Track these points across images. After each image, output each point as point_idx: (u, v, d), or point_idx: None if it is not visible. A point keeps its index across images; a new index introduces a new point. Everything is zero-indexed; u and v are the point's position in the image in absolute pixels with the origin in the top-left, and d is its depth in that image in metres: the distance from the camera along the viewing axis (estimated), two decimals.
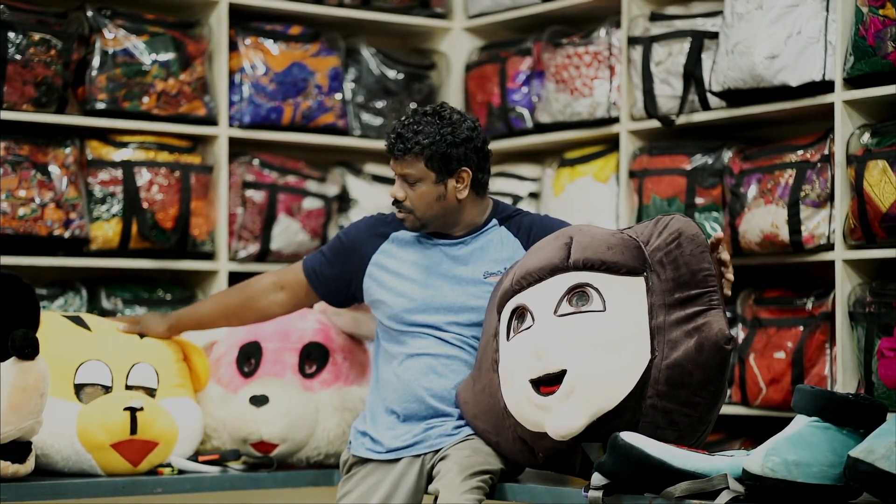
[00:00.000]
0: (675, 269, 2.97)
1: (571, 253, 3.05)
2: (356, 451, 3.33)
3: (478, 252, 3.30)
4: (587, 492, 2.87)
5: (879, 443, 2.59)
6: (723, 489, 2.72)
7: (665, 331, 2.94)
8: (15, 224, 3.97)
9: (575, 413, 2.92)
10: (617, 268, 3.00)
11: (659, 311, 2.96)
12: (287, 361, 3.62)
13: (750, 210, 3.78)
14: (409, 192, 3.25)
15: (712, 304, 2.96)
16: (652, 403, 2.92)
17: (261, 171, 4.46)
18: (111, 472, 3.33)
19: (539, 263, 3.08)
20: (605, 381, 2.92)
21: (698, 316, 2.94)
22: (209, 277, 4.38)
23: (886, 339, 3.43)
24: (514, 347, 3.06)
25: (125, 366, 3.41)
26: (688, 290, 2.96)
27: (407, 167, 3.24)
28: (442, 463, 3.16)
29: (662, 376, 2.91)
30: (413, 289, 3.30)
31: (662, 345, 2.93)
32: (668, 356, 2.92)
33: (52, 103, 4.06)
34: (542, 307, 3.03)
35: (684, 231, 3.01)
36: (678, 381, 2.91)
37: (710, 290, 2.97)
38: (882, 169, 3.45)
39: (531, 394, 2.98)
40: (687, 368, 2.91)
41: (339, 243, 3.41)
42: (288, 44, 4.47)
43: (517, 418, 3.06)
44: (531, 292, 3.07)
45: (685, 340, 2.92)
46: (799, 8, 3.63)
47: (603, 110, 4.27)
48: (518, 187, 4.59)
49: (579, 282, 3.01)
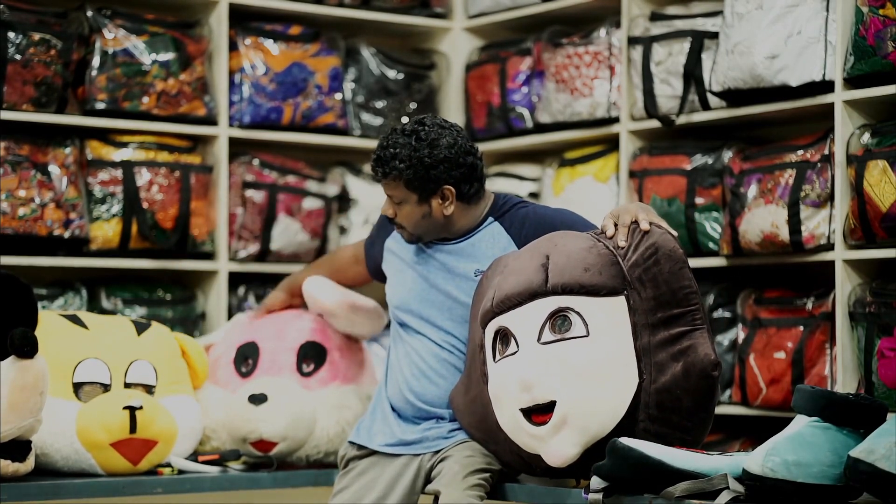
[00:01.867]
0: (655, 287, 2.95)
1: (549, 276, 2.99)
2: (355, 439, 3.35)
3: (468, 249, 3.30)
4: (587, 493, 2.87)
5: (879, 443, 2.58)
6: (723, 489, 2.72)
7: (651, 352, 2.93)
8: (15, 224, 3.97)
9: (568, 443, 2.93)
10: (596, 290, 2.96)
11: (643, 332, 2.94)
12: (284, 361, 3.62)
13: (750, 210, 3.78)
14: (397, 210, 3.27)
15: (695, 325, 2.94)
16: (644, 427, 2.92)
17: (261, 171, 4.45)
18: (111, 471, 3.33)
19: (518, 288, 3.02)
20: (596, 408, 2.91)
21: (682, 338, 2.93)
22: (209, 277, 4.38)
23: (886, 339, 3.42)
24: (501, 372, 3.04)
25: (123, 363, 3.41)
26: (670, 310, 2.95)
27: (390, 189, 3.25)
28: (442, 464, 3.17)
29: (653, 400, 2.91)
30: (407, 282, 3.32)
31: (650, 367, 2.92)
32: (656, 379, 2.92)
33: (52, 103, 4.06)
34: (525, 333, 3.00)
35: (661, 247, 2.97)
36: (669, 406, 2.92)
37: (692, 308, 2.95)
38: (882, 169, 3.45)
39: (523, 423, 2.98)
40: (675, 394, 2.91)
41: (377, 223, 3.51)
42: (288, 44, 4.47)
43: (513, 439, 3.05)
44: (512, 315, 3.03)
45: (672, 364, 2.92)
46: (799, 8, 3.63)
47: (603, 110, 4.26)
48: (518, 187, 4.59)
49: (559, 306, 2.97)
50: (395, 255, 3.39)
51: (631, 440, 2.80)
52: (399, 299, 3.33)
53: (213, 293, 4.36)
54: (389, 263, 3.41)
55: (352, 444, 3.38)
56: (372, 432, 3.34)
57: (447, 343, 3.28)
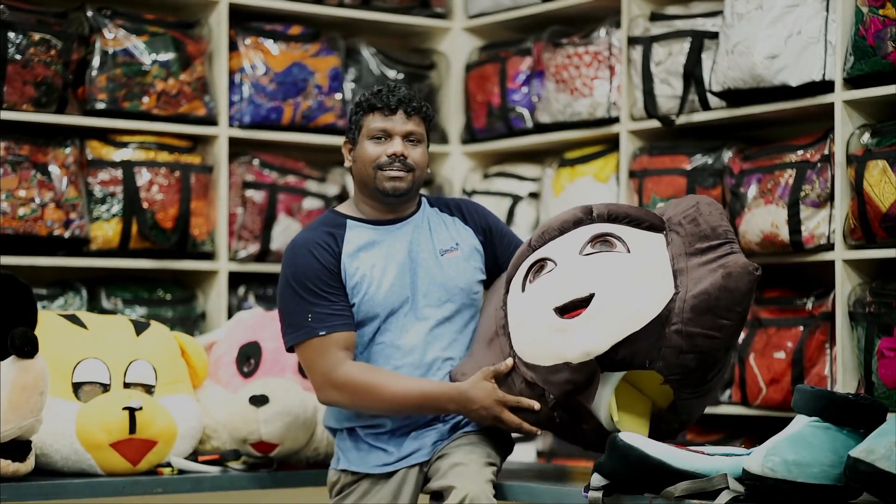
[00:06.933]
0: (696, 225, 3.05)
1: (594, 209, 3.14)
2: (346, 466, 3.24)
3: (425, 230, 3.27)
4: (587, 492, 2.87)
5: (879, 443, 2.58)
6: (723, 489, 2.72)
7: (688, 271, 2.99)
8: (15, 224, 3.97)
9: (601, 333, 2.92)
10: (639, 221, 3.11)
11: (680, 259, 3.02)
12: (287, 361, 3.62)
13: (750, 210, 3.78)
14: (411, 152, 3.22)
15: (733, 250, 3.01)
16: (676, 329, 2.93)
17: (261, 171, 4.46)
18: (110, 472, 3.33)
19: (561, 218, 3.15)
20: (632, 305, 2.93)
21: (721, 258, 2.99)
22: (209, 277, 4.38)
23: (886, 339, 3.43)
24: (532, 291, 3.07)
25: (123, 363, 3.40)
26: (708, 241, 3.02)
27: (413, 125, 3.21)
28: (442, 460, 3.14)
29: (688, 305, 2.93)
30: (387, 280, 3.22)
31: (686, 281, 2.97)
32: (692, 289, 2.94)
33: (52, 103, 4.06)
34: (566, 252, 3.07)
35: (702, 199, 3.12)
36: (704, 308, 2.92)
37: (730, 241, 3.02)
38: (882, 169, 3.45)
39: (554, 320, 2.98)
40: (714, 295, 2.92)
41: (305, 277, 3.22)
42: (288, 44, 4.47)
43: (531, 360, 3.03)
44: (551, 245, 3.12)
45: (710, 275, 2.95)
46: (799, 8, 3.63)
47: (603, 110, 4.27)
48: (518, 187, 4.59)
49: (603, 231, 3.08)
50: (366, 252, 3.22)
51: (632, 437, 2.80)
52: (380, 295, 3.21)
53: (213, 293, 4.36)
54: (359, 266, 3.20)
55: (343, 471, 3.26)
56: (362, 455, 3.23)
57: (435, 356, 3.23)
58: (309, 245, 3.20)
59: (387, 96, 3.20)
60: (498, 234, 3.35)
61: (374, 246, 3.22)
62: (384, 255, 3.21)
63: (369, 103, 3.22)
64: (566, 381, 2.97)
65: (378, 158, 3.19)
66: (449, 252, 3.26)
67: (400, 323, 3.21)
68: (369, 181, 3.21)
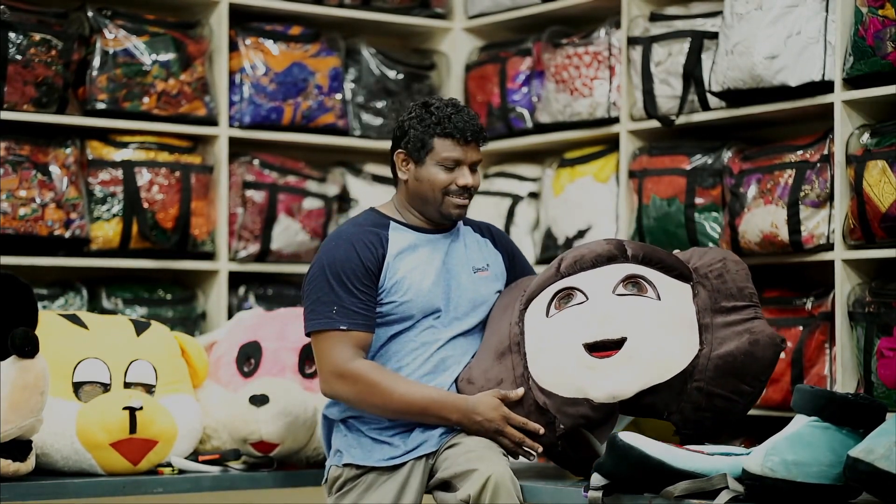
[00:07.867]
0: (722, 282, 3.09)
1: (627, 248, 3.15)
2: (349, 461, 3.21)
3: (461, 245, 3.30)
4: (587, 492, 2.87)
5: (879, 442, 2.59)
6: (722, 489, 2.72)
7: (713, 329, 3.03)
8: (15, 224, 3.97)
9: (629, 378, 2.96)
10: (671, 268, 3.13)
11: (705, 314, 3.05)
12: (287, 361, 3.62)
13: (750, 210, 3.78)
14: (475, 179, 3.24)
15: (758, 315, 3.07)
16: (698, 386, 2.98)
17: (261, 171, 4.46)
18: (111, 471, 3.33)
19: (595, 251, 3.15)
20: (662, 356, 2.97)
21: (746, 321, 3.05)
22: (209, 277, 4.38)
23: (886, 339, 3.43)
24: (560, 320, 3.08)
25: (123, 363, 3.41)
26: (734, 301, 3.08)
27: (478, 155, 3.24)
28: (452, 450, 3.11)
29: (711, 364, 2.98)
30: (426, 284, 3.24)
31: (710, 340, 3.01)
32: (717, 349, 2.99)
33: (52, 103, 4.06)
34: (598, 288, 3.08)
35: (728, 256, 3.17)
36: (727, 370, 2.98)
37: (755, 304, 3.09)
38: (881, 169, 3.45)
39: (583, 355, 2.99)
40: (739, 359, 2.98)
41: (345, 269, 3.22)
42: (288, 44, 4.47)
43: (548, 387, 3.04)
44: (582, 276, 3.12)
45: (735, 338, 3.01)
46: (799, 8, 3.63)
47: (603, 110, 4.27)
48: (518, 187, 4.60)
49: (635, 273, 3.09)
50: (410, 253, 3.25)
51: (632, 436, 2.80)
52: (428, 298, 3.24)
53: (214, 293, 4.36)
54: (400, 267, 3.22)
55: (347, 466, 3.22)
56: (365, 450, 3.22)
57: (447, 355, 3.25)
58: (353, 239, 3.20)
59: (462, 127, 3.18)
60: (519, 261, 3.42)
61: (415, 250, 3.24)
62: (424, 259, 3.24)
63: (444, 130, 3.18)
64: (581, 416, 3.01)
65: (448, 186, 3.20)
66: (481, 271, 3.30)
67: (424, 326, 3.23)
68: (433, 202, 3.22)
